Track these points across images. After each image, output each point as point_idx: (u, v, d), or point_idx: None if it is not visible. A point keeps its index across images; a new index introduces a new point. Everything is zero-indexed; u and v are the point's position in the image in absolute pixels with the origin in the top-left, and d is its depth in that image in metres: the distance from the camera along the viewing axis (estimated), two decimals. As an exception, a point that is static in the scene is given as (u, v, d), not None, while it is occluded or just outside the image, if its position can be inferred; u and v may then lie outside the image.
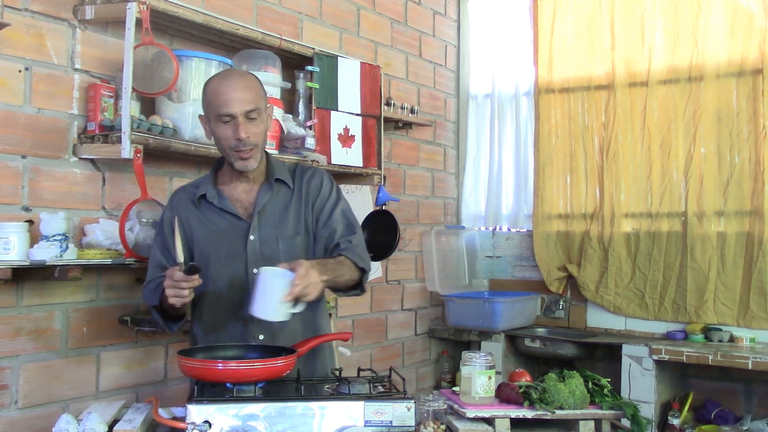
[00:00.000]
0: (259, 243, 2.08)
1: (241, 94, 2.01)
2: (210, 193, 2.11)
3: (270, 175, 2.13)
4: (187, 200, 2.15)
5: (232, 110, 1.99)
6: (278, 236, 2.09)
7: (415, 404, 1.77)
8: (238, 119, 2.00)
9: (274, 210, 2.12)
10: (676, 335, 3.85)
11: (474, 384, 2.07)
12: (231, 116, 2.00)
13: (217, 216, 2.11)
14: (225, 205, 2.10)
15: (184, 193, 2.18)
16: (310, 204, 2.16)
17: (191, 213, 2.12)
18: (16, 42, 2.36)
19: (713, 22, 3.92)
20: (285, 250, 2.08)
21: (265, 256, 2.07)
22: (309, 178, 2.19)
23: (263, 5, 3.30)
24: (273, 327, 2.03)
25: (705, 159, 3.91)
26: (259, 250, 2.08)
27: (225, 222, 2.10)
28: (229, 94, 2.00)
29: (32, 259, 2.22)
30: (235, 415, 1.67)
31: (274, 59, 3.10)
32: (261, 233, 2.09)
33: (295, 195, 2.15)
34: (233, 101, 1.99)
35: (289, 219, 2.12)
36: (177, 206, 2.15)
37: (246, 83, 2.04)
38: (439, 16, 4.61)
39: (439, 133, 4.61)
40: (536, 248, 4.38)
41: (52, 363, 2.47)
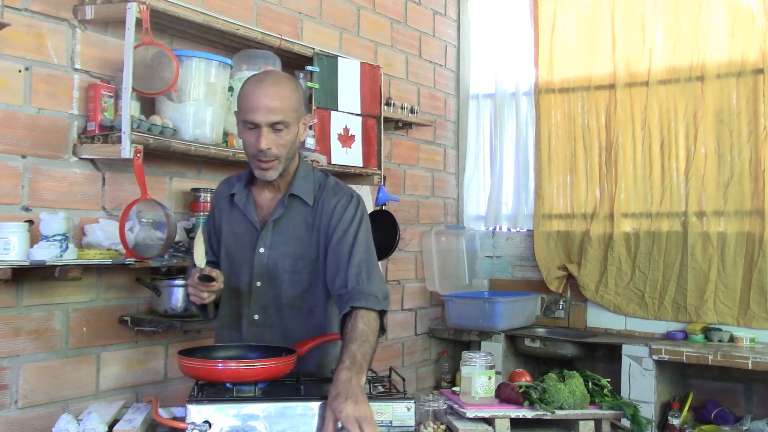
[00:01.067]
0: (267, 257, 2.01)
1: (270, 104, 1.88)
2: (239, 194, 2.05)
3: (290, 188, 2.02)
4: (226, 193, 2.10)
5: (257, 119, 1.89)
6: (287, 255, 2.01)
7: (415, 404, 1.77)
8: (262, 129, 1.89)
9: (288, 226, 2.02)
10: (676, 335, 3.85)
11: (474, 384, 2.06)
12: (256, 124, 1.90)
13: (240, 218, 2.06)
14: (247, 210, 2.04)
15: (226, 185, 2.13)
16: (324, 230, 2.00)
17: (225, 207, 2.10)
18: (16, 42, 2.36)
19: (714, 22, 3.92)
20: (289, 271, 2.01)
21: (270, 272, 2.01)
22: (331, 200, 2.02)
23: (263, 5, 3.30)
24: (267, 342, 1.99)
25: (705, 159, 3.91)
26: (266, 264, 2.01)
27: (243, 226, 2.05)
28: (258, 102, 1.89)
29: (32, 259, 2.22)
30: (235, 415, 1.67)
31: (274, 59, 3.10)
32: (271, 248, 2.01)
33: (313, 215, 2.02)
34: (260, 111, 1.88)
35: (301, 238, 2.01)
36: (218, 196, 2.14)
37: (278, 92, 1.91)
38: (439, 16, 4.61)
39: (439, 133, 4.61)
40: (536, 248, 4.38)
41: (52, 363, 2.47)
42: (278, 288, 2.02)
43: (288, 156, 1.96)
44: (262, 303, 2.04)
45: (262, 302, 2.04)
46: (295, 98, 1.95)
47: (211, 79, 2.73)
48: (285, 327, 2.05)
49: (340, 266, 1.94)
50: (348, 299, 1.87)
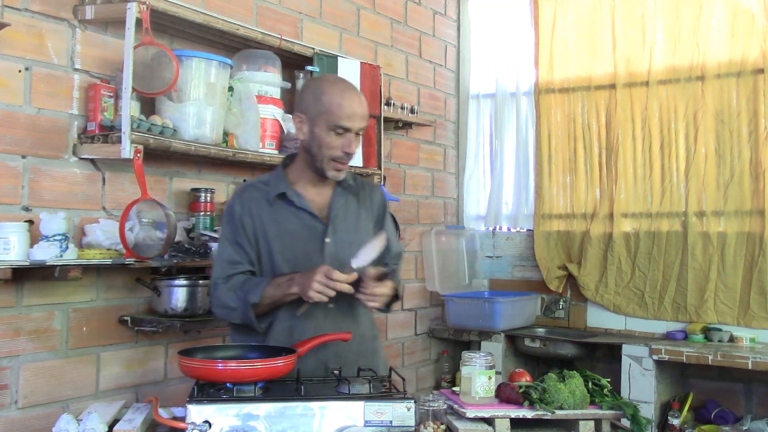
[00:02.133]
0: (335, 246, 2.12)
1: (362, 112, 2.07)
2: (289, 192, 2.12)
3: (342, 181, 2.17)
4: (260, 197, 2.13)
5: (352, 125, 2.04)
6: (352, 242, 2.11)
7: (415, 404, 1.77)
8: (352, 134, 2.06)
9: (346, 215, 2.17)
10: (676, 335, 3.85)
11: (474, 384, 2.06)
12: (347, 130, 2.04)
13: (292, 215, 2.12)
14: (304, 204, 2.12)
15: (256, 190, 2.16)
16: (373, 218, 2.24)
17: (264, 210, 2.12)
18: (16, 42, 2.36)
19: (714, 22, 3.92)
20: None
21: (339, 260, 2.07)
22: (371, 191, 2.27)
23: (263, 5, 3.30)
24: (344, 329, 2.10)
25: (705, 159, 3.91)
26: (335, 253, 2.11)
27: (300, 222, 2.12)
28: (354, 110, 2.05)
29: (32, 259, 2.22)
30: (235, 415, 1.67)
31: (274, 59, 3.10)
32: (336, 237, 2.13)
33: (362, 205, 2.22)
34: (356, 117, 2.05)
35: (360, 227, 2.19)
36: (250, 201, 2.13)
37: (363, 100, 2.10)
38: (439, 16, 4.61)
39: (439, 133, 4.61)
40: (536, 247, 4.38)
41: (52, 363, 2.47)
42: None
43: None
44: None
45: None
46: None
47: (211, 79, 2.73)
48: (354, 312, 2.17)
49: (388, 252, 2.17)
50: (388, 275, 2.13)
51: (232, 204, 2.16)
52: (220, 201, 3.03)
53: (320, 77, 2.23)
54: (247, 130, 2.89)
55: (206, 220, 2.88)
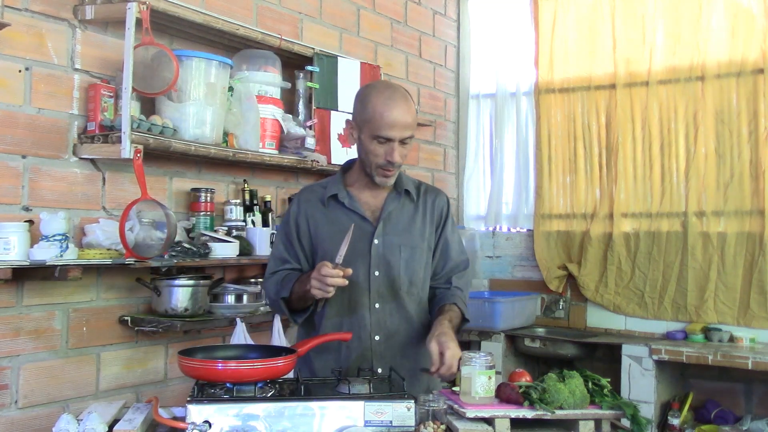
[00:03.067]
0: (383, 247, 2.14)
1: (405, 121, 2.05)
2: (341, 193, 2.16)
3: (399, 185, 2.19)
4: (315, 198, 2.19)
5: (393, 135, 2.04)
6: (401, 244, 2.15)
7: (415, 404, 1.77)
8: (395, 144, 2.05)
9: (399, 219, 2.18)
10: (676, 335, 3.85)
11: (474, 384, 2.06)
12: (389, 139, 2.05)
13: (344, 216, 2.15)
14: (354, 206, 2.15)
15: (312, 192, 2.23)
16: (435, 224, 2.23)
17: (318, 211, 2.17)
18: (16, 42, 2.36)
19: (714, 23, 3.92)
20: (406, 259, 2.16)
21: (387, 261, 2.14)
22: (434, 198, 2.26)
23: (263, 5, 3.30)
24: (388, 330, 2.13)
25: (705, 159, 3.91)
26: (382, 254, 2.14)
27: (351, 222, 2.12)
28: (395, 120, 2.03)
29: (32, 259, 2.22)
30: (235, 415, 1.67)
31: (274, 59, 3.10)
32: (385, 239, 2.15)
33: (419, 210, 2.22)
34: (397, 128, 2.04)
35: (412, 231, 2.19)
36: (305, 203, 2.20)
37: (409, 108, 2.07)
38: (439, 16, 4.61)
39: (439, 133, 4.61)
40: (536, 247, 4.38)
41: (52, 363, 2.47)
42: (395, 276, 2.15)
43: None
44: (382, 291, 2.15)
45: (381, 290, 2.15)
46: (415, 109, 2.12)
47: (211, 79, 2.73)
48: (404, 313, 2.18)
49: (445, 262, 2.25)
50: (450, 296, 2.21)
51: (291, 205, 2.27)
52: (220, 201, 3.03)
53: (371, 84, 2.24)
54: (247, 130, 2.89)
55: (206, 220, 2.88)
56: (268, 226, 3.11)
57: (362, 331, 2.13)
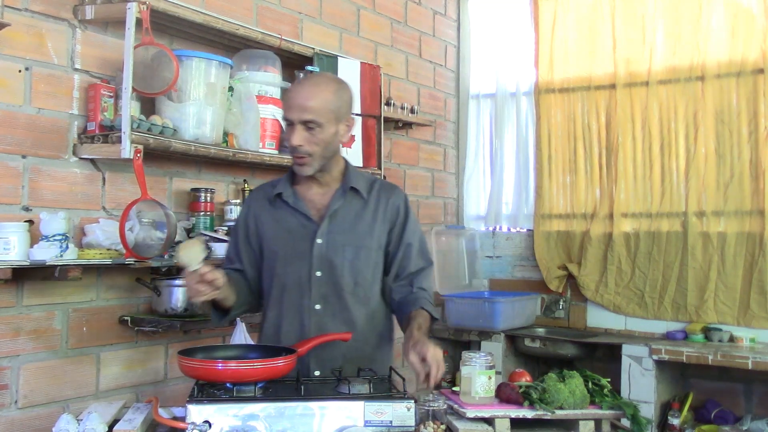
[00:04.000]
0: (326, 247, 2.09)
1: (304, 103, 1.99)
2: (286, 192, 2.12)
3: (346, 182, 2.14)
4: (263, 198, 2.18)
5: (290, 116, 2.02)
6: (345, 244, 2.10)
7: (415, 404, 1.77)
8: (295, 125, 2.01)
9: (345, 217, 2.12)
10: (676, 335, 3.85)
11: (474, 384, 2.07)
12: (291, 121, 2.02)
13: (289, 215, 2.12)
14: (298, 204, 2.12)
15: (261, 192, 2.22)
16: (389, 223, 2.17)
17: (265, 210, 2.16)
18: (16, 42, 2.36)
19: (714, 23, 3.92)
20: (350, 259, 2.11)
21: (330, 261, 2.09)
22: (389, 196, 2.19)
23: (263, 5, 3.30)
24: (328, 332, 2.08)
25: (705, 159, 3.91)
26: (325, 254, 2.09)
27: (296, 221, 2.12)
28: (294, 100, 2.02)
29: (32, 259, 2.22)
30: (235, 415, 1.67)
31: (274, 59, 3.10)
32: (329, 238, 2.10)
33: (370, 208, 2.16)
34: (294, 108, 2.01)
35: (358, 229, 2.13)
36: (254, 202, 2.20)
37: (314, 92, 2.02)
38: (439, 16, 4.61)
39: (439, 133, 4.61)
40: (536, 247, 4.38)
41: (52, 363, 2.47)
42: (338, 277, 2.10)
43: (324, 155, 2.05)
44: (323, 292, 2.10)
45: (322, 292, 2.10)
46: (333, 100, 2.04)
47: (211, 79, 2.73)
48: (347, 315, 2.12)
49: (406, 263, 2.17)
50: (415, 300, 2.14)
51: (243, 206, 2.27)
52: (220, 201, 3.03)
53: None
54: (247, 130, 2.89)
55: (206, 220, 2.88)
56: (268, 226, 3.10)
57: (301, 332, 2.08)
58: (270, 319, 2.15)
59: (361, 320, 2.14)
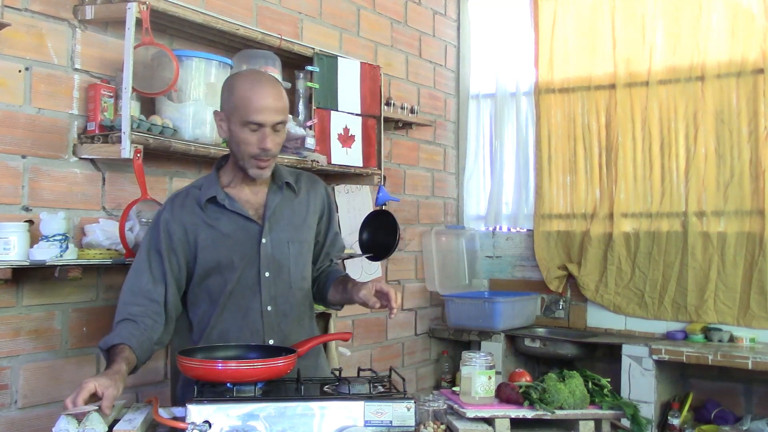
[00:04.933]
0: (271, 247, 2.07)
1: (274, 104, 1.97)
2: (220, 195, 2.04)
3: (277, 178, 2.11)
4: (191, 203, 2.06)
5: (263, 120, 1.95)
6: (288, 240, 2.09)
7: (415, 404, 1.77)
8: (266, 129, 1.96)
9: (283, 214, 2.11)
10: (676, 335, 3.85)
11: (474, 384, 2.07)
12: (260, 125, 1.95)
13: (225, 218, 2.05)
14: (236, 207, 2.05)
15: (186, 197, 2.08)
16: (318, 214, 2.19)
17: (194, 216, 2.04)
18: (16, 42, 2.36)
19: (714, 23, 3.92)
20: (295, 255, 2.11)
21: (277, 260, 2.07)
22: (313, 185, 2.21)
23: (263, 5, 3.30)
24: (282, 332, 2.08)
25: (705, 159, 3.91)
26: (271, 254, 2.07)
27: (235, 224, 2.05)
28: (263, 103, 1.95)
29: (32, 259, 2.22)
30: (235, 415, 1.67)
31: (274, 59, 3.09)
32: (272, 237, 2.07)
33: (302, 201, 2.16)
34: (266, 111, 1.95)
35: (296, 223, 2.13)
36: (179, 208, 2.06)
37: (278, 93, 2.00)
38: (439, 16, 4.61)
39: (439, 133, 4.61)
40: (536, 247, 4.38)
41: (52, 363, 2.47)
42: (287, 274, 2.10)
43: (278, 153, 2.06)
44: (272, 293, 2.08)
45: (272, 292, 2.08)
46: (287, 97, 2.06)
47: (211, 79, 2.73)
48: (296, 311, 2.13)
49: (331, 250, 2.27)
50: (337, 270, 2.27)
51: (161, 211, 2.09)
52: (220, 201, 3.03)
53: (236, 73, 2.11)
54: (247, 130, 2.89)
55: (206, 220, 2.87)
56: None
57: (255, 336, 2.06)
58: (214, 326, 2.07)
59: (306, 312, 2.18)
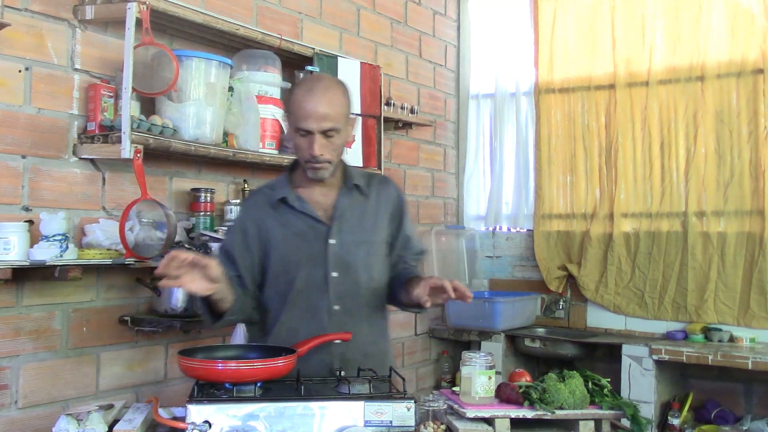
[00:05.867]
0: (340, 247, 2.09)
1: (322, 111, 1.97)
2: (290, 196, 2.10)
3: (348, 180, 2.15)
4: (263, 203, 2.13)
5: (310, 126, 1.98)
6: (357, 241, 2.11)
7: (415, 404, 1.77)
8: (315, 136, 1.98)
9: (352, 215, 2.13)
10: (676, 335, 3.85)
11: (474, 384, 2.06)
12: (308, 132, 1.99)
13: (296, 218, 2.10)
14: (305, 208, 2.09)
15: (261, 196, 2.17)
16: (389, 216, 2.19)
17: (267, 215, 2.11)
18: (16, 42, 2.36)
19: (714, 23, 3.92)
20: (364, 256, 2.12)
21: (345, 260, 2.09)
22: (384, 187, 2.22)
23: (263, 5, 3.30)
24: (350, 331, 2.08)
25: (705, 159, 3.91)
26: (340, 254, 2.09)
27: (304, 224, 2.10)
28: (310, 110, 1.97)
29: (32, 259, 2.22)
30: (235, 415, 1.67)
31: (274, 59, 3.10)
32: (341, 237, 2.10)
33: (372, 203, 2.17)
34: (312, 118, 1.97)
35: (366, 225, 2.14)
36: (254, 207, 2.15)
37: (329, 99, 2.00)
38: (439, 16, 4.61)
39: (439, 133, 4.61)
40: (536, 247, 4.38)
41: (52, 363, 2.47)
42: (355, 275, 2.11)
43: (339, 157, 2.09)
44: (340, 293, 2.09)
45: (339, 292, 2.09)
46: (346, 103, 2.06)
47: (211, 79, 2.73)
48: (365, 312, 2.14)
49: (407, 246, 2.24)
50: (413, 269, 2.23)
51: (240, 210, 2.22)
52: (220, 201, 3.03)
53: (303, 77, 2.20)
54: (247, 130, 2.89)
55: (206, 220, 2.88)
56: (268, 226, 3.11)
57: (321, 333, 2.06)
58: (284, 323, 2.11)
59: (378, 313, 2.19)
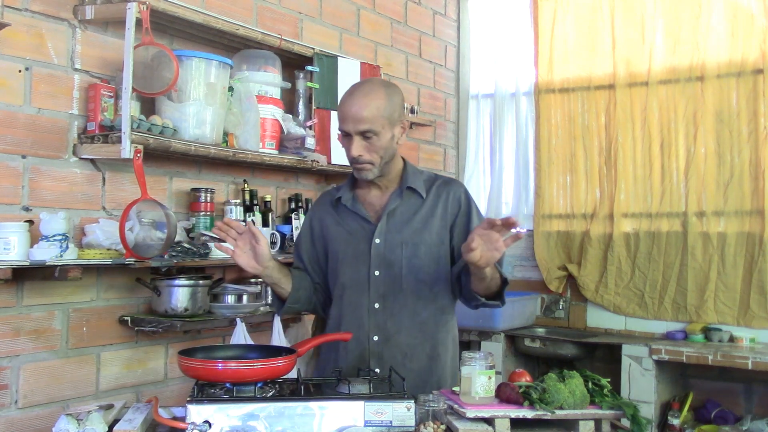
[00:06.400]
0: (384, 246, 2.14)
1: (358, 113, 2.03)
2: (345, 196, 2.20)
3: (403, 182, 2.19)
4: (327, 202, 2.28)
5: (346, 128, 2.06)
6: (403, 241, 2.14)
7: (415, 404, 1.77)
8: (353, 137, 2.05)
9: (402, 216, 2.17)
10: (676, 335, 3.85)
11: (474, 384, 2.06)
12: (347, 133, 2.06)
13: (349, 217, 2.20)
14: (356, 207, 2.19)
15: (327, 195, 2.32)
16: (451, 217, 2.19)
17: (328, 214, 2.24)
18: (16, 42, 2.36)
19: (714, 23, 3.92)
20: (408, 256, 2.14)
21: (388, 260, 2.14)
22: (446, 189, 2.22)
23: (263, 5, 3.30)
24: (388, 330, 2.13)
25: (705, 159, 3.91)
26: (383, 253, 2.14)
27: (356, 223, 2.19)
28: (347, 112, 2.05)
29: (32, 259, 2.22)
30: (235, 415, 1.67)
31: (274, 59, 3.10)
32: (386, 237, 2.15)
33: (428, 205, 2.19)
34: (348, 120, 2.05)
35: (417, 226, 2.16)
36: (319, 206, 2.31)
37: (366, 102, 2.04)
38: (439, 16, 4.61)
39: (439, 133, 4.61)
40: (536, 248, 4.38)
41: (52, 363, 2.47)
42: (397, 275, 2.14)
43: (384, 159, 2.11)
44: (381, 291, 2.14)
45: (381, 291, 2.14)
46: (386, 106, 2.07)
47: (211, 79, 2.73)
48: (408, 313, 2.16)
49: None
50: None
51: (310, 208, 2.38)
52: (220, 201, 3.03)
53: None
54: (247, 130, 2.89)
55: (206, 220, 2.88)
56: (267, 226, 3.11)
57: (360, 331, 2.13)
58: (333, 317, 2.21)
59: (427, 317, 2.19)
